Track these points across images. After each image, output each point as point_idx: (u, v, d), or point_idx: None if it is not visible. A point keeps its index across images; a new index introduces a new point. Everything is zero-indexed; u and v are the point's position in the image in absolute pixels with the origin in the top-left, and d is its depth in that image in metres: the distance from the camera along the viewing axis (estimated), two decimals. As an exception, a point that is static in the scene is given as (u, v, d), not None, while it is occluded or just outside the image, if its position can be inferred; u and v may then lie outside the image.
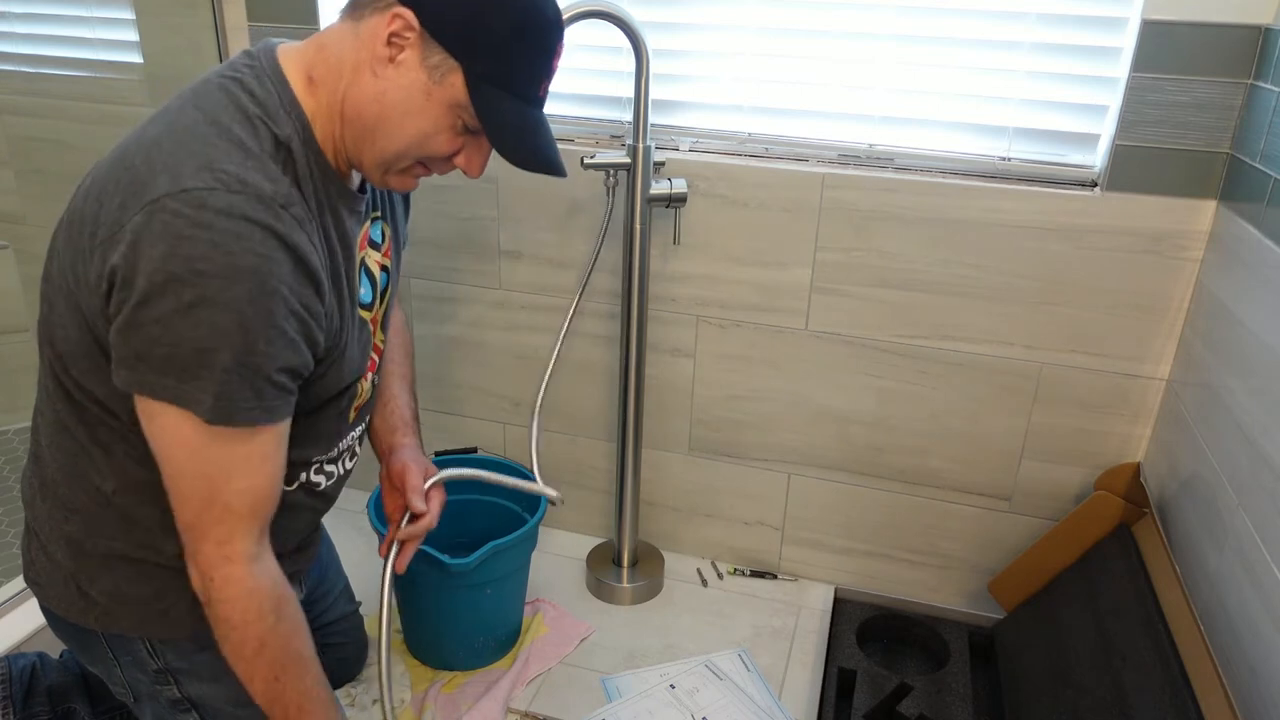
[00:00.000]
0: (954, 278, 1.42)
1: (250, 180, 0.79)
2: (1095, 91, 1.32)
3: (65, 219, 0.87)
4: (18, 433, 2.07)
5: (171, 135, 0.81)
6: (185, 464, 0.83)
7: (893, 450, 1.56)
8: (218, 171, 0.79)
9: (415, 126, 0.86)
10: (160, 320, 0.77)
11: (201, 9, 1.60)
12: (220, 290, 0.77)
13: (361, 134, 0.87)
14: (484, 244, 1.63)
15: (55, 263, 0.87)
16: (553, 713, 1.37)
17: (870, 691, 1.40)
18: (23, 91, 1.91)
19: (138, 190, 0.78)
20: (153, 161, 0.79)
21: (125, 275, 0.77)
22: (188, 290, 0.76)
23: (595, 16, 1.28)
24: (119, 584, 0.94)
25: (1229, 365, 1.17)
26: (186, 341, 0.77)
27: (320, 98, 0.87)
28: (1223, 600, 1.09)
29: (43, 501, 0.96)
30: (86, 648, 1.02)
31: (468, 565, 1.30)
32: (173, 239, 0.76)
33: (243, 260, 0.77)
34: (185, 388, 0.79)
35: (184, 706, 1.01)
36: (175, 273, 0.76)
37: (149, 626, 0.97)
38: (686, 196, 1.44)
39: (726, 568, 1.73)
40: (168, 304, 0.76)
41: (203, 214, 0.76)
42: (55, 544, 0.96)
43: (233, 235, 0.77)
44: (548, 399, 1.71)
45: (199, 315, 0.77)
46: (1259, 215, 1.14)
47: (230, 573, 0.86)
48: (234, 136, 0.81)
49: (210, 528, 0.85)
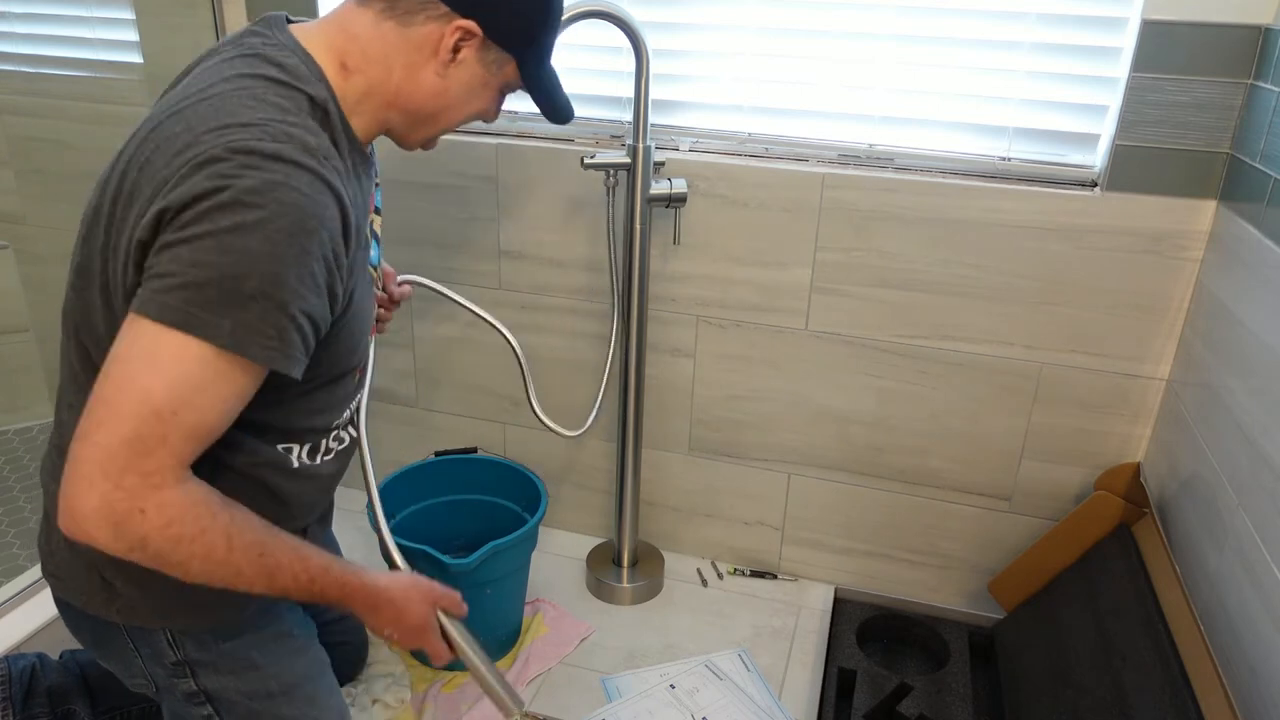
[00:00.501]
0: (954, 278, 1.42)
1: (294, 134, 0.82)
2: (1095, 91, 1.32)
3: (96, 204, 0.86)
4: (18, 433, 2.07)
5: (209, 104, 0.82)
6: (151, 387, 0.77)
7: (893, 450, 1.56)
8: (263, 126, 0.81)
9: (473, 108, 0.98)
10: (195, 242, 0.76)
11: (201, 9, 1.60)
12: (261, 221, 0.77)
13: (420, 120, 0.96)
14: (484, 244, 1.63)
15: (87, 248, 0.87)
16: (553, 713, 1.37)
17: (870, 691, 1.40)
18: (23, 91, 1.91)
19: (182, 151, 0.79)
20: (194, 128, 0.80)
21: (168, 210, 0.77)
22: (227, 216, 0.76)
23: (595, 16, 1.28)
24: (143, 571, 0.93)
25: (1229, 365, 1.17)
26: (219, 266, 0.76)
27: (356, 83, 0.91)
28: (1223, 600, 1.09)
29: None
30: (105, 641, 1.01)
31: (468, 565, 1.30)
32: (220, 177, 0.77)
33: (287, 196, 0.79)
34: (204, 315, 0.77)
35: (199, 700, 1.01)
36: (219, 201, 0.76)
37: (171, 616, 0.97)
38: (686, 196, 1.44)
39: (726, 568, 1.73)
40: (204, 227, 0.76)
41: (252, 159, 0.78)
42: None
43: (281, 174, 0.79)
44: (547, 399, 1.71)
45: (235, 241, 0.76)
46: (1259, 215, 1.14)
47: (165, 496, 0.79)
48: (270, 100, 0.84)
49: (140, 459, 0.77)
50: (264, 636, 1.02)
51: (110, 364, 0.78)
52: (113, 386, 0.78)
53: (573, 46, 1.50)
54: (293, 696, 1.03)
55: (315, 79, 0.88)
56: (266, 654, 1.02)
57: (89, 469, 0.77)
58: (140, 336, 0.77)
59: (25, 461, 2.00)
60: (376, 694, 1.38)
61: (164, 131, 0.82)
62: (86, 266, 0.87)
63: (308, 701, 1.05)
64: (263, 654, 1.01)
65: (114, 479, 0.77)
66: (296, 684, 1.04)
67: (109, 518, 0.77)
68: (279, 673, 1.02)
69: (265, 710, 1.00)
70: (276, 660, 1.02)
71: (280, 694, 1.02)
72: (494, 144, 1.55)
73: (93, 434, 0.77)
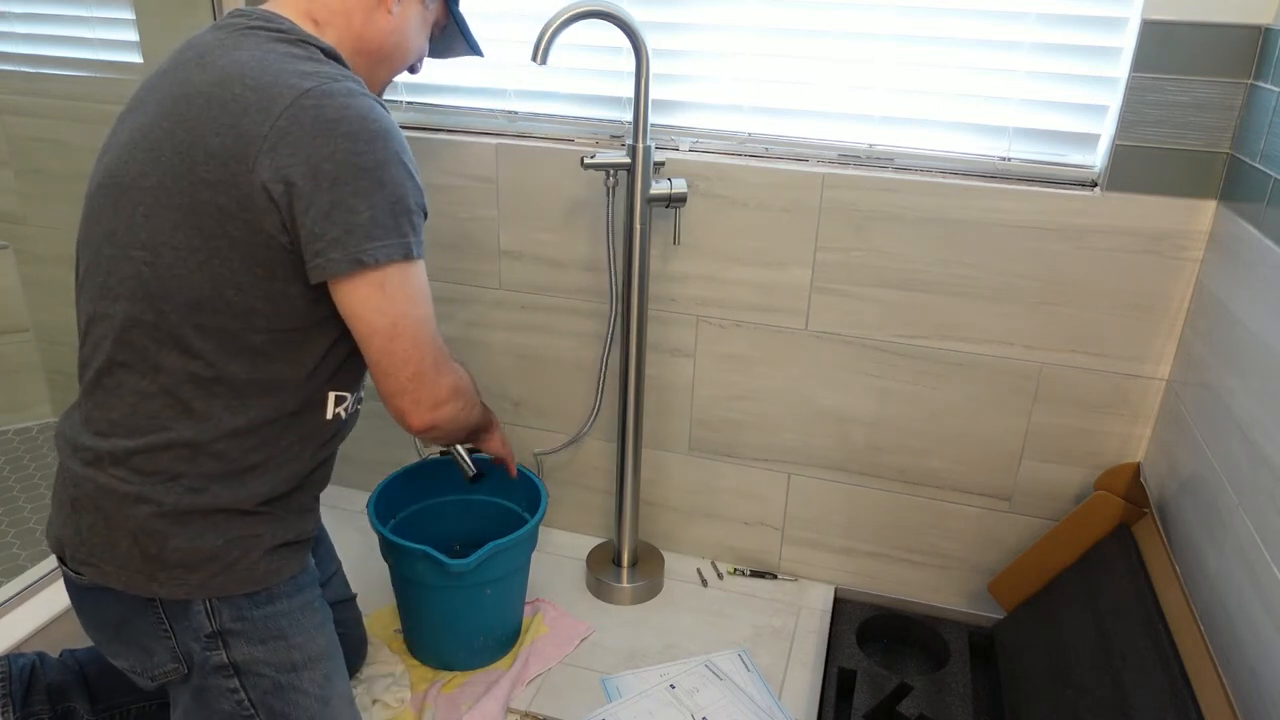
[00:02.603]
0: (954, 278, 1.42)
1: (342, 76, 0.94)
2: (1095, 91, 1.32)
3: (158, 179, 0.92)
4: (18, 432, 2.08)
5: (252, 65, 0.92)
6: (413, 314, 0.96)
7: (893, 450, 1.56)
8: (318, 75, 0.92)
9: (416, 45, 1.11)
10: (357, 189, 0.89)
11: (201, 9, 1.60)
12: (385, 148, 0.91)
13: (380, 61, 1.07)
14: (484, 244, 1.63)
15: (161, 217, 0.92)
16: (553, 713, 1.37)
17: (870, 691, 1.40)
18: (23, 91, 1.91)
19: (265, 105, 0.89)
20: (256, 86, 0.90)
21: (300, 174, 0.88)
22: (365, 157, 0.90)
23: (595, 16, 1.28)
24: (192, 539, 0.97)
25: (1229, 365, 1.17)
26: (383, 199, 0.91)
27: (329, 36, 1.01)
28: (1223, 600, 1.09)
29: (111, 467, 0.96)
30: (132, 626, 1.01)
31: (467, 566, 1.30)
32: (328, 124, 0.89)
33: (385, 120, 0.93)
34: (402, 240, 0.93)
35: (228, 673, 1.01)
36: (349, 149, 0.89)
37: (213, 584, 0.98)
38: (686, 196, 1.44)
39: (726, 568, 1.73)
40: (352, 175, 0.89)
41: (335, 99, 0.90)
42: (125, 509, 0.95)
43: (366, 105, 0.92)
44: (547, 399, 1.72)
45: (382, 175, 0.91)
46: (1259, 215, 1.14)
47: (442, 413, 1.02)
48: (296, 55, 0.94)
49: (431, 371, 0.99)
50: (294, 605, 1.05)
51: (371, 318, 0.94)
52: (391, 330, 0.95)
53: (573, 46, 1.50)
54: (313, 671, 1.06)
55: (311, 35, 0.98)
56: (295, 624, 1.04)
57: (427, 369, 0.98)
58: (375, 286, 0.92)
59: (25, 461, 2.00)
60: (376, 694, 1.38)
61: (226, 93, 0.90)
62: (153, 233, 0.92)
63: (325, 679, 1.07)
64: (291, 624, 1.04)
65: (442, 369, 1.01)
66: (318, 658, 1.06)
67: (418, 420, 1.00)
68: (303, 643, 1.05)
69: (288, 683, 1.03)
70: (303, 630, 1.05)
71: (303, 666, 1.04)
72: (494, 144, 1.55)
73: (409, 356, 0.96)
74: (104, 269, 0.95)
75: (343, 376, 1.04)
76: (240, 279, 0.92)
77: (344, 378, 1.05)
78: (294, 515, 1.05)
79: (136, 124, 0.95)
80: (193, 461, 0.96)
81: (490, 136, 1.56)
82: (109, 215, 0.94)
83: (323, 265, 0.90)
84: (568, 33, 1.28)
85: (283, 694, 1.03)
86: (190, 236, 0.91)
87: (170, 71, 0.96)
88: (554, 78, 1.54)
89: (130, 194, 0.93)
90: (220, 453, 0.97)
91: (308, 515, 1.08)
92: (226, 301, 0.92)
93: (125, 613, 1.00)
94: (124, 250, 0.93)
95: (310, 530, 1.08)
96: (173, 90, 0.93)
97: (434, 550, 1.30)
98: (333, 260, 0.90)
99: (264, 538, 1.00)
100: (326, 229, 0.89)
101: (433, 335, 0.99)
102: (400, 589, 1.44)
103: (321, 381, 1.02)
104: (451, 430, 1.08)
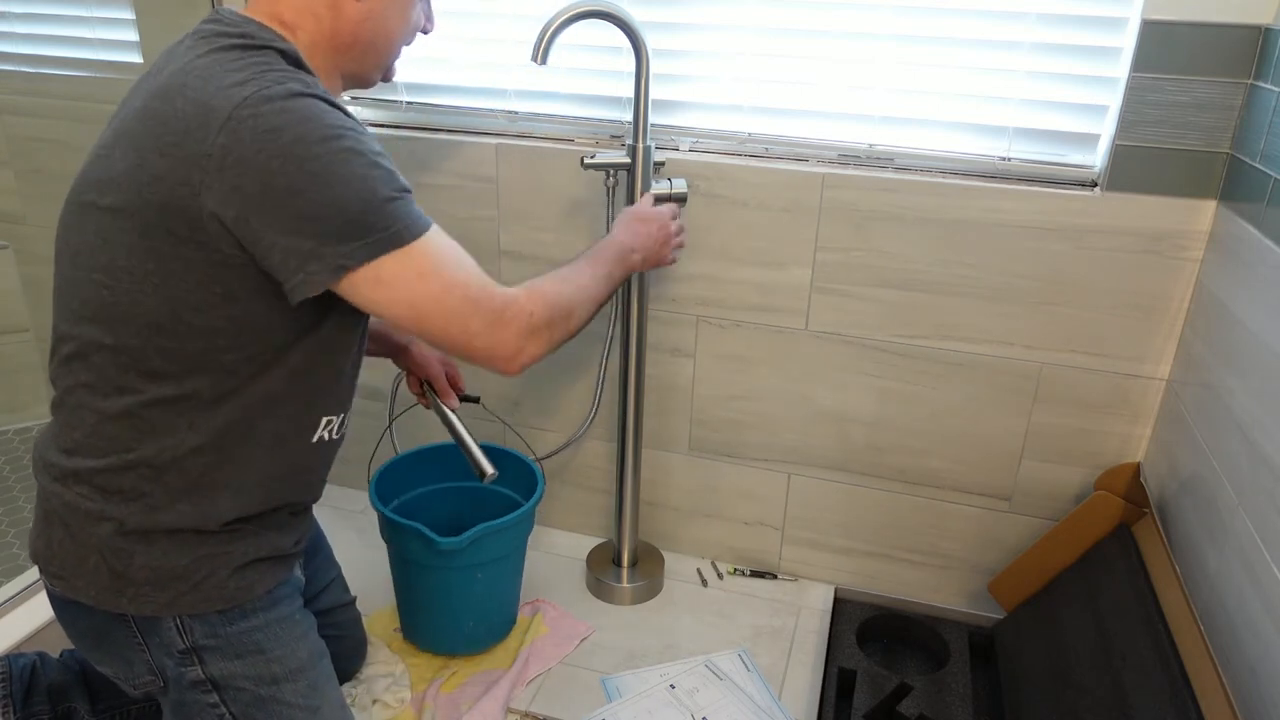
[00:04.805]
0: (954, 278, 1.42)
1: (284, 79, 0.88)
2: (1095, 91, 1.32)
3: (113, 200, 0.89)
4: (18, 432, 2.07)
5: (194, 75, 0.87)
6: (424, 296, 0.90)
7: (893, 450, 1.56)
8: (257, 80, 0.86)
9: (398, 25, 1.03)
10: (317, 196, 0.84)
11: (201, 9, 1.59)
12: (337, 145, 0.85)
13: (365, 52, 1.01)
14: (484, 244, 1.63)
15: (116, 240, 0.89)
16: (553, 713, 1.37)
17: (870, 691, 1.40)
18: (23, 91, 1.91)
19: (203, 121, 0.84)
20: (195, 99, 0.85)
21: (253, 197, 0.83)
22: (318, 161, 0.84)
23: (595, 16, 1.28)
24: (157, 558, 0.95)
25: (1229, 365, 1.17)
26: (350, 197, 0.85)
27: (301, 39, 0.96)
28: (1223, 600, 1.09)
29: (75, 485, 0.96)
30: (108, 640, 1.01)
31: (458, 544, 1.30)
32: (269, 134, 0.83)
33: (329, 116, 0.87)
34: (384, 234, 0.87)
35: (205, 688, 1.00)
36: (299, 155, 0.83)
37: (181, 602, 0.97)
38: (686, 196, 1.43)
39: (726, 568, 1.73)
40: (307, 183, 0.84)
41: (272, 104, 0.84)
42: (89, 526, 0.95)
43: (306, 105, 0.86)
44: (547, 399, 1.72)
45: (340, 173, 0.85)
46: (1259, 215, 1.14)
47: (528, 354, 0.99)
48: (246, 63, 0.88)
49: (484, 331, 0.94)
50: (270, 619, 1.03)
51: (387, 311, 0.91)
52: (415, 314, 0.91)
53: (573, 46, 1.50)
54: (296, 682, 1.04)
55: (275, 38, 0.93)
56: (272, 638, 1.02)
57: (477, 330, 0.95)
58: (372, 284, 0.89)
59: (25, 462, 2.00)
60: (376, 694, 1.38)
61: (163, 108, 0.86)
62: (111, 256, 0.89)
63: (310, 688, 1.05)
64: (268, 638, 1.02)
65: (500, 320, 0.96)
66: (300, 669, 1.04)
67: (528, 334, 0.99)
68: (283, 656, 1.03)
69: (270, 696, 1.01)
70: (282, 644, 1.03)
71: (285, 679, 1.03)
72: (494, 144, 1.55)
73: (448, 330, 0.93)
74: (69, 290, 0.94)
75: (324, 398, 1.01)
76: (197, 300, 0.89)
77: (326, 400, 1.01)
78: (271, 532, 1.02)
79: (103, 139, 0.93)
80: (157, 481, 0.94)
81: (490, 136, 1.56)
82: (75, 233, 0.93)
83: (305, 281, 0.87)
84: (568, 33, 1.28)
85: (265, 706, 1.01)
86: (144, 260, 0.88)
87: (141, 81, 0.95)
88: (554, 78, 1.54)
89: (91, 214, 0.91)
90: (185, 472, 0.94)
91: (288, 531, 1.05)
92: (186, 324, 0.89)
93: (101, 625, 1.00)
94: (86, 273, 0.91)
95: (290, 546, 1.05)
96: (134, 102, 0.91)
97: (426, 529, 1.30)
98: (313, 273, 0.86)
99: (234, 555, 0.98)
100: (299, 243, 0.85)
101: (464, 299, 0.93)
102: (396, 568, 1.45)
103: (301, 403, 0.99)
104: (559, 345, 1.06)
